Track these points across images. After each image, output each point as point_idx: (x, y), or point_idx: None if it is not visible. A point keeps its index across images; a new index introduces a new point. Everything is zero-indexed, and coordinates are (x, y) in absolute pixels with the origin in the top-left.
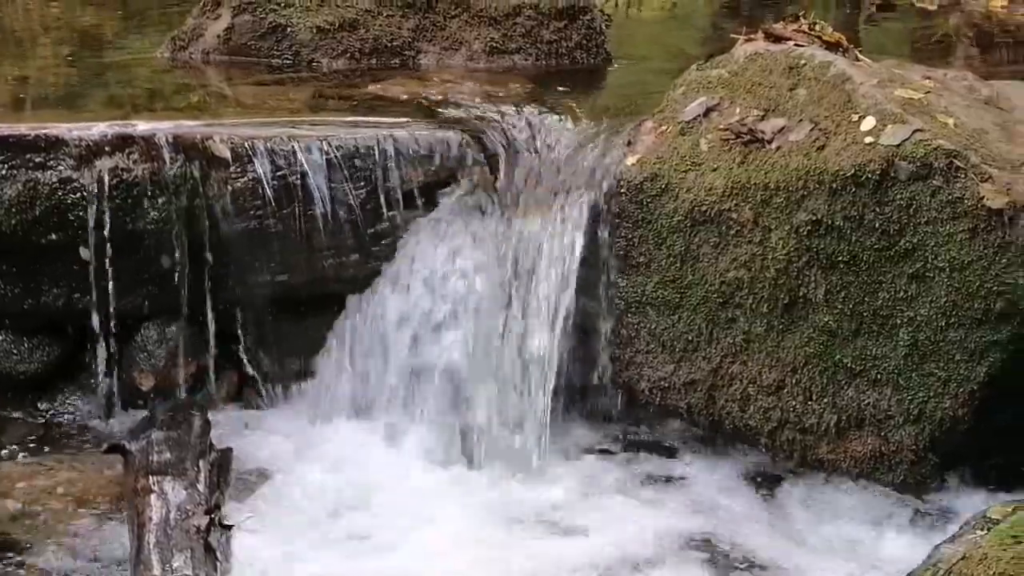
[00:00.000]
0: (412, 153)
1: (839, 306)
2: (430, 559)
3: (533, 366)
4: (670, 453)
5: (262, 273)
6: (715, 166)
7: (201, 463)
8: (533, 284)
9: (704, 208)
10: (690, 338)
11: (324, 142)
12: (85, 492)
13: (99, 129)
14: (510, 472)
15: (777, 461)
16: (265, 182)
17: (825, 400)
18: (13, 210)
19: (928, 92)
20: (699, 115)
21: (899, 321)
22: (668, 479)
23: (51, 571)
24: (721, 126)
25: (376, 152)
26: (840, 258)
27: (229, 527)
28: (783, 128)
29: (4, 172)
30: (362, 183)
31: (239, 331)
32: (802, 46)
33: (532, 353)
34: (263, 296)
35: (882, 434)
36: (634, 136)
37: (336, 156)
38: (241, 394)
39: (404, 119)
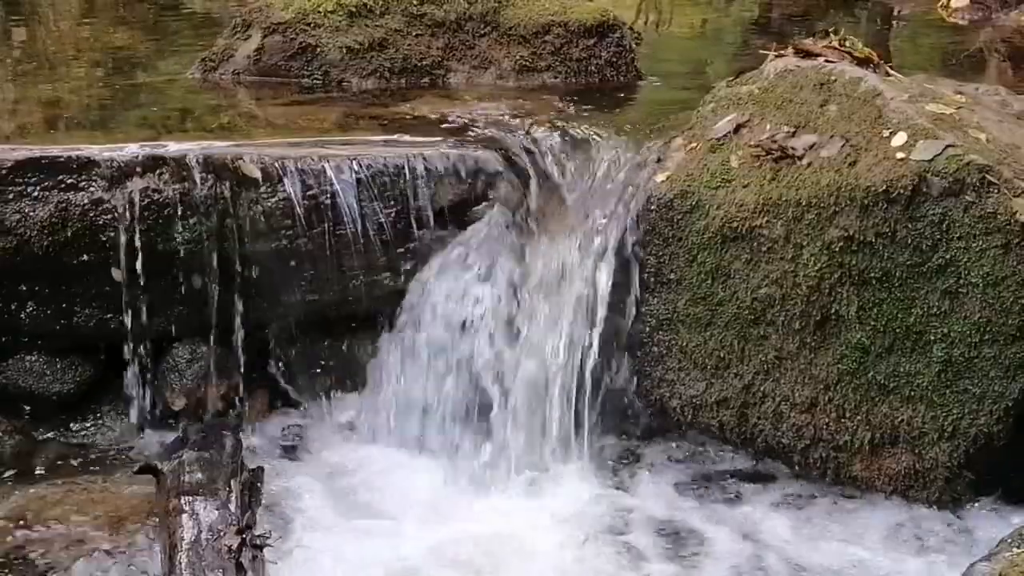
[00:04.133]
0: (442, 172)
1: (872, 323)
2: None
3: (568, 383)
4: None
5: (293, 292)
6: (746, 183)
7: (233, 483)
8: (565, 301)
9: (735, 225)
10: (722, 355)
11: (354, 162)
12: (117, 512)
13: (130, 150)
14: (543, 488)
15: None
16: (295, 202)
17: (858, 417)
18: (45, 231)
19: (960, 107)
20: (729, 132)
21: (933, 338)
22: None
23: None
24: (751, 143)
25: (406, 171)
26: (872, 274)
27: (261, 547)
28: (814, 144)
29: (37, 193)
30: (392, 202)
31: (270, 351)
32: (833, 62)
33: (567, 370)
34: (294, 315)
35: (916, 451)
36: (664, 153)
37: (366, 175)
38: (272, 413)
39: (434, 138)
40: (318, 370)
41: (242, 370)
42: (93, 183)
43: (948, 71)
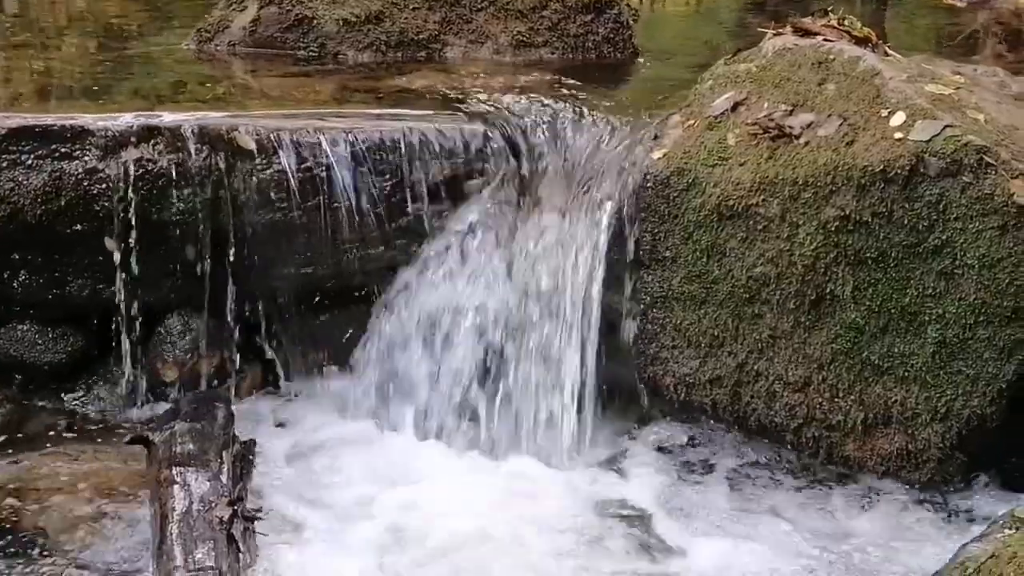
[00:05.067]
0: (438, 146)
1: (867, 303)
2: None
3: (562, 361)
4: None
5: (286, 265)
6: (743, 161)
7: (224, 454)
8: (560, 278)
9: (731, 203)
10: (716, 334)
11: (350, 135)
12: (108, 483)
13: (125, 120)
14: (537, 464)
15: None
16: (290, 174)
17: (852, 397)
18: (39, 200)
19: (959, 87)
20: (726, 109)
21: (927, 318)
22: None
23: (74, 561)
24: (749, 121)
25: (402, 145)
26: (868, 254)
27: (252, 519)
28: (811, 123)
29: (31, 162)
30: (387, 176)
31: (263, 323)
32: (831, 41)
33: (560, 348)
34: (287, 288)
35: (909, 432)
36: (661, 130)
37: (361, 149)
38: (264, 386)
39: (430, 112)
40: (311, 343)
41: (235, 342)
42: (87, 152)
43: (945, 53)
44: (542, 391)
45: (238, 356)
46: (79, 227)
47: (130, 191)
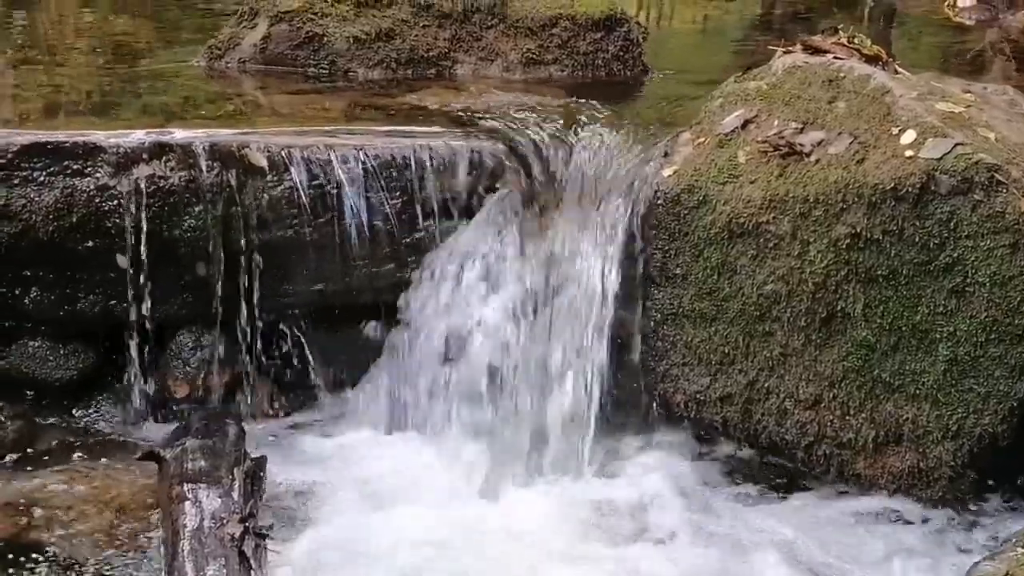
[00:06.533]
0: (448, 164)
1: (878, 320)
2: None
3: (571, 379)
4: None
5: (297, 282)
6: (753, 178)
7: (236, 471)
8: (570, 295)
9: (742, 220)
10: (726, 351)
11: (360, 152)
12: (119, 499)
13: (136, 137)
14: (549, 480)
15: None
16: (301, 191)
17: (863, 415)
18: (51, 216)
19: (969, 106)
20: (737, 127)
21: (938, 336)
22: None
23: None
24: (759, 138)
25: (412, 162)
26: (879, 272)
27: (263, 536)
28: (822, 141)
29: (42, 179)
30: (398, 193)
31: (274, 340)
32: (841, 59)
33: (571, 366)
34: (298, 305)
35: (920, 450)
36: (671, 147)
37: (372, 166)
38: (275, 403)
39: (440, 129)
40: (322, 359)
41: (246, 359)
42: (99, 169)
43: (953, 70)
44: (552, 408)
45: (249, 373)
46: (91, 243)
47: (142, 208)
